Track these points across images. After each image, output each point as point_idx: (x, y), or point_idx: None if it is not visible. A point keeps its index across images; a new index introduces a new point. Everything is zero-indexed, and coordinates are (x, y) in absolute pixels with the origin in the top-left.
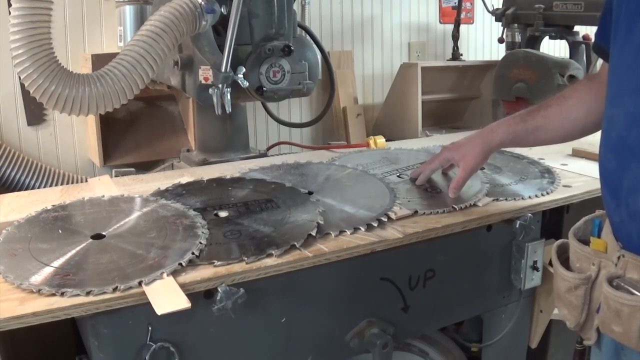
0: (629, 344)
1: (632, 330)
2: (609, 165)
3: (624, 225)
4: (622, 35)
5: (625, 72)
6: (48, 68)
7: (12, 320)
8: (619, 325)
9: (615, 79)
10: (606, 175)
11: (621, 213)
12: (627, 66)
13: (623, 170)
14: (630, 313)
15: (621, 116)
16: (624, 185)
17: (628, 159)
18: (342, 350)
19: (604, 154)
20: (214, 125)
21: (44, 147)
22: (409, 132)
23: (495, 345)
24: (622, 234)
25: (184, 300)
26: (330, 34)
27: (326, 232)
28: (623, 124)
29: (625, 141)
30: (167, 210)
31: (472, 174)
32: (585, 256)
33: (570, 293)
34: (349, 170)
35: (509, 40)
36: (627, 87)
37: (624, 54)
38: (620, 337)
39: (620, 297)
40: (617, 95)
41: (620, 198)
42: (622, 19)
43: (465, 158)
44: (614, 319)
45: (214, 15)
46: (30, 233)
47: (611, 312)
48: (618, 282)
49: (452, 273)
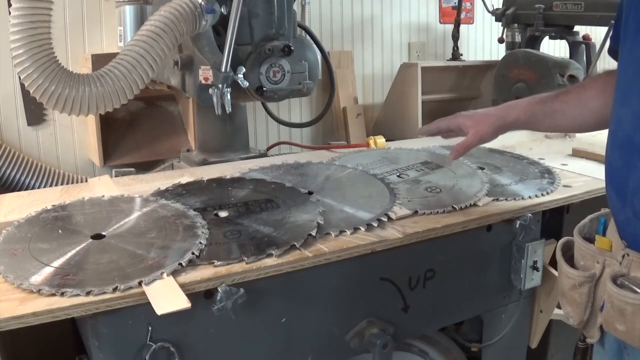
0: (632, 342)
1: (635, 329)
2: (615, 164)
3: (629, 224)
4: (632, 36)
5: (635, 72)
6: (48, 68)
7: (12, 320)
8: (623, 324)
9: (625, 78)
10: (612, 174)
11: (626, 212)
12: (636, 67)
13: (629, 169)
14: (634, 312)
15: (629, 116)
16: (630, 184)
17: (634, 159)
18: (342, 350)
19: (611, 153)
20: (214, 125)
21: (44, 147)
22: (409, 132)
23: (495, 345)
24: (627, 233)
25: (184, 300)
26: (330, 34)
27: (326, 232)
28: (630, 124)
29: (632, 140)
30: (167, 210)
31: (479, 142)
32: (589, 254)
33: (574, 290)
34: (349, 170)
35: (509, 40)
36: (635, 87)
37: (634, 54)
38: (624, 335)
39: (624, 295)
40: (626, 95)
41: (625, 197)
42: (632, 20)
43: (477, 125)
44: (618, 317)
45: (214, 15)
46: (30, 233)
47: (615, 310)
48: (622, 280)
49: (452, 273)
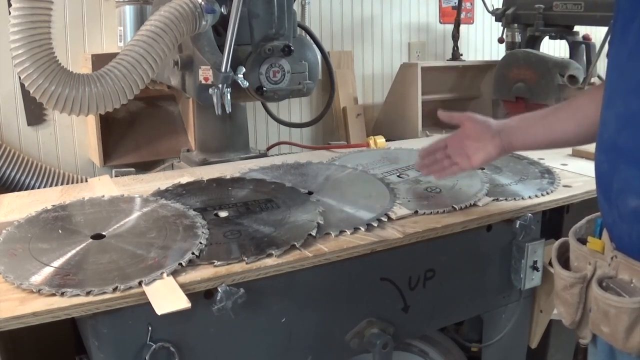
0: (616, 344)
1: (618, 332)
2: (602, 167)
3: (615, 227)
4: (618, 37)
5: (619, 73)
6: (48, 68)
7: (12, 320)
8: (607, 326)
9: (610, 81)
10: (599, 177)
11: (613, 214)
12: (620, 69)
13: (614, 171)
14: (616, 314)
15: (612, 118)
16: (614, 186)
17: (618, 161)
18: (342, 350)
19: (598, 156)
20: (214, 125)
21: (44, 147)
22: (409, 132)
23: (495, 345)
24: (615, 235)
25: (184, 300)
26: (330, 34)
27: (326, 232)
28: (614, 126)
29: (616, 143)
30: (167, 210)
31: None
32: (582, 255)
33: (566, 291)
34: (349, 170)
35: (509, 40)
36: (619, 88)
37: (619, 56)
38: (609, 337)
39: (607, 298)
40: (610, 97)
41: (611, 199)
42: (619, 21)
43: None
44: (603, 319)
45: (214, 15)
46: (30, 233)
47: (600, 312)
48: (608, 282)
49: (452, 273)
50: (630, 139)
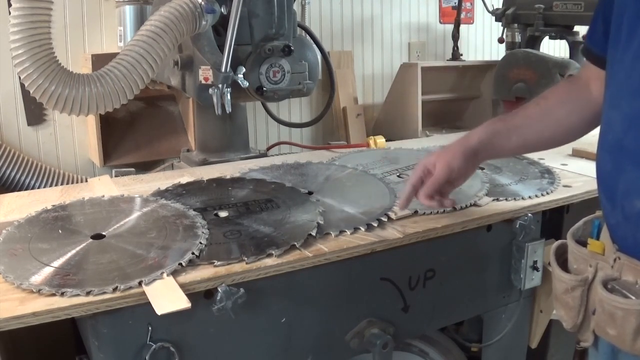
0: (623, 347)
1: (625, 334)
2: (606, 168)
3: (619, 228)
4: (624, 39)
5: (625, 75)
6: (48, 68)
7: (12, 320)
8: (614, 328)
9: (615, 82)
10: (602, 178)
11: (617, 215)
12: (626, 69)
13: (619, 172)
14: (624, 316)
15: (618, 118)
16: (620, 187)
17: (624, 162)
18: (342, 350)
19: (601, 156)
20: (214, 125)
21: (44, 147)
22: (409, 132)
23: (495, 345)
24: (618, 236)
25: (184, 300)
26: (330, 34)
27: (326, 232)
28: (620, 126)
29: (622, 143)
30: (167, 210)
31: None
32: (582, 257)
33: (567, 294)
34: (349, 170)
35: (509, 40)
36: (625, 89)
37: (625, 58)
38: (615, 340)
39: (613, 300)
40: (615, 98)
41: (615, 200)
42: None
43: (441, 156)
44: (609, 321)
45: (214, 15)
46: (30, 233)
47: (606, 315)
48: (613, 284)
49: (452, 273)
50: (637, 139)
